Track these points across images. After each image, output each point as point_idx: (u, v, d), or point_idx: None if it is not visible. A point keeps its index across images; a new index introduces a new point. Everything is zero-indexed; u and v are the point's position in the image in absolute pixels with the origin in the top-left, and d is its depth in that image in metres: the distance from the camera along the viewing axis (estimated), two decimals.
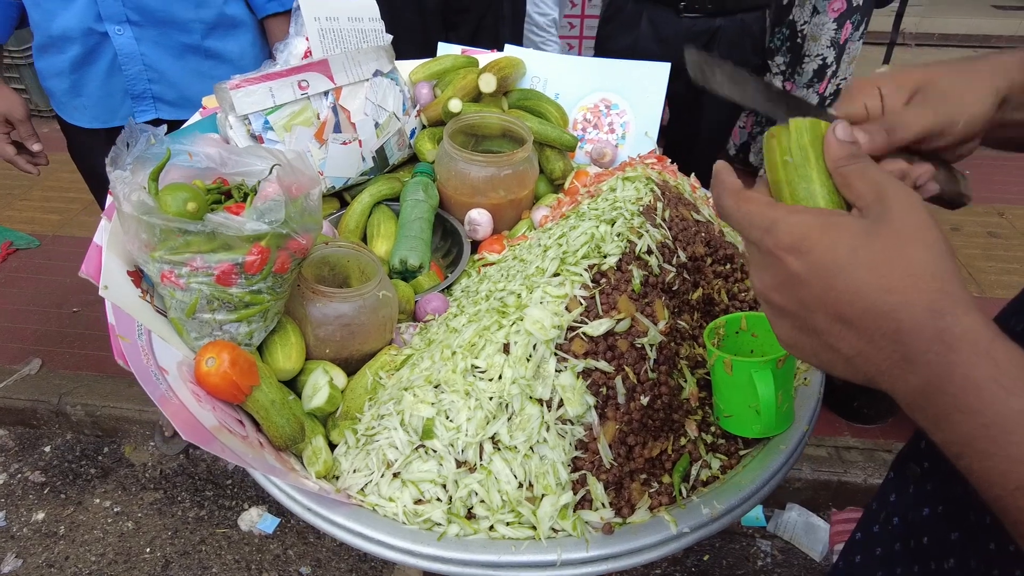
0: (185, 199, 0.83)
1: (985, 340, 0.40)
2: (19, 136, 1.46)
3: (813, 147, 0.51)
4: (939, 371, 0.41)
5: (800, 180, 0.51)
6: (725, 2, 1.90)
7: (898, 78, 0.55)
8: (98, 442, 2.32)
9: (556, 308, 0.83)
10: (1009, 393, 0.39)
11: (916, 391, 0.43)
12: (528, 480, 0.79)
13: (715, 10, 1.91)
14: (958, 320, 0.41)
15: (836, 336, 0.45)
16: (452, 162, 1.24)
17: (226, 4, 1.46)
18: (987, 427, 0.40)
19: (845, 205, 0.50)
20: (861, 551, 0.69)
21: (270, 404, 0.83)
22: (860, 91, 0.55)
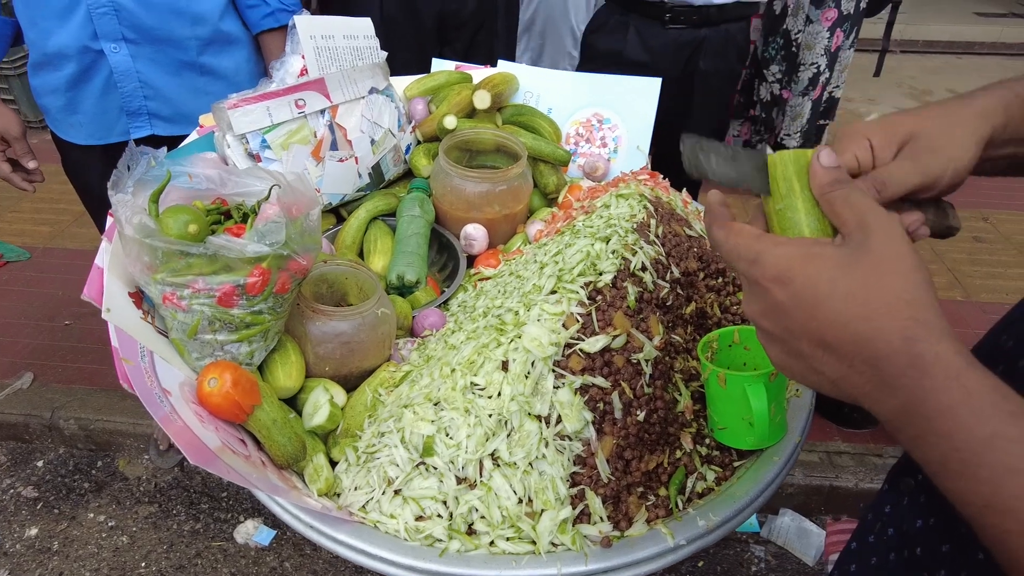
0: (186, 221, 0.84)
1: (956, 367, 0.42)
2: (14, 153, 1.46)
3: (798, 177, 0.53)
4: (914, 396, 0.43)
5: (787, 210, 0.53)
6: (709, 14, 1.93)
7: (887, 129, 0.56)
8: (91, 456, 2.31)
9: (553, 325, 0.85)
10: (979, 419, 0.41)
11: (895, 413, 0.45)
12: (527, 496, 0.80)
13: (700, 21, 1.94)
14: (931, 347, 0.43)
15: (820, 361, 0.48)
16: (448, 178, 1.26)
17: (221, 21, 1.47)
18: (958, 451, 0.42)
19: (832, 231, 0.52)
20: (856, 560, 0.71)
21: (272, 423, 0.84)
22: (850, 142, 0.57)
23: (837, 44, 3.07)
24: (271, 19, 1.53)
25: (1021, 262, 3.06)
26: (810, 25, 3.00)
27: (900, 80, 4.91)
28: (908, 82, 4.90)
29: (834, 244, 0.49)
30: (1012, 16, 5.80)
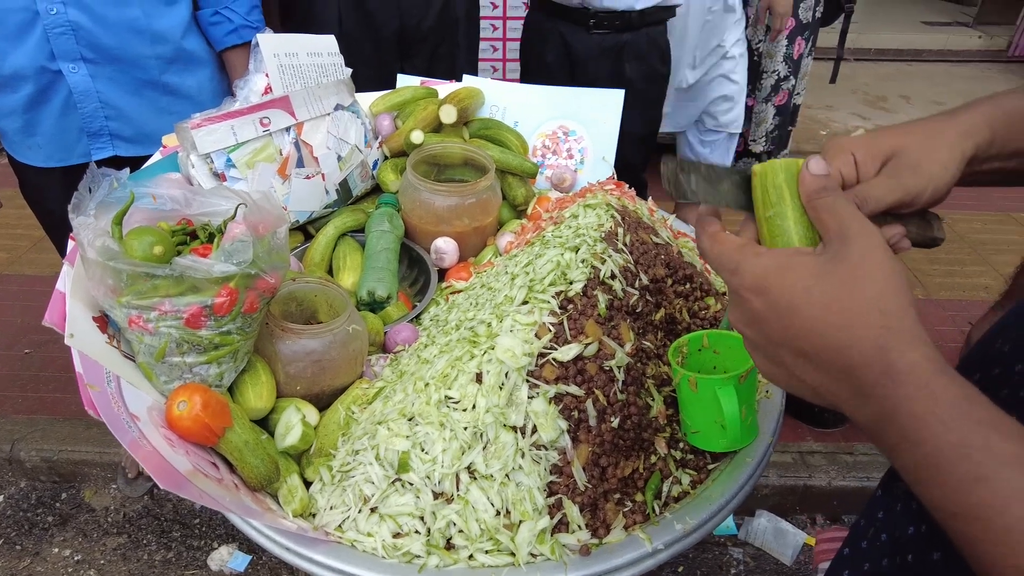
0: (151, 243, 0.83)
1: (927, 374, 0.43)
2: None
3: (788, 185, 0.54)
4: (888, 404, 0.44)
5: (776, 217, 0.54)
6: (631, 18, 2.02)
7: (871, 146, 0.57)
8: (55, 488, 2.24)
9: (526, 335, 0.85)
10: (946, 427, 0.42)
11: (872, 421, 0.46)
12: (505, 507, 0.80)
13: (623, 26, 2.03)
14: (903, 355, 0.44)
15: (800, 369, 0.49)
16: (416, 192, 1.26)
17: (184, 39, 1.45)
18: (928, 458, 0.43)
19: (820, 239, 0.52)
20: (849, 566, 0.71)
21: (244, 445, 0.82)
22: (835, 156, 0.57)
23: (799, 52, 3.16)
24: (235, 36, 1.52)
25: (976, 260, 3.17)
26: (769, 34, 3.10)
27: (855, 87, 5.05)
28: (863, 89, 5.05)
29: (813, 253, 0.50)
30: (956, 25, 6.03)
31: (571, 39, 2.07)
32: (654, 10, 2.04)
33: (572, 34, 2.07)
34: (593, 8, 2.00)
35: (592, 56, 2.07)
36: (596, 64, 2.07)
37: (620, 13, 2.01)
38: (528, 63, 2.26)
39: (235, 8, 1.51)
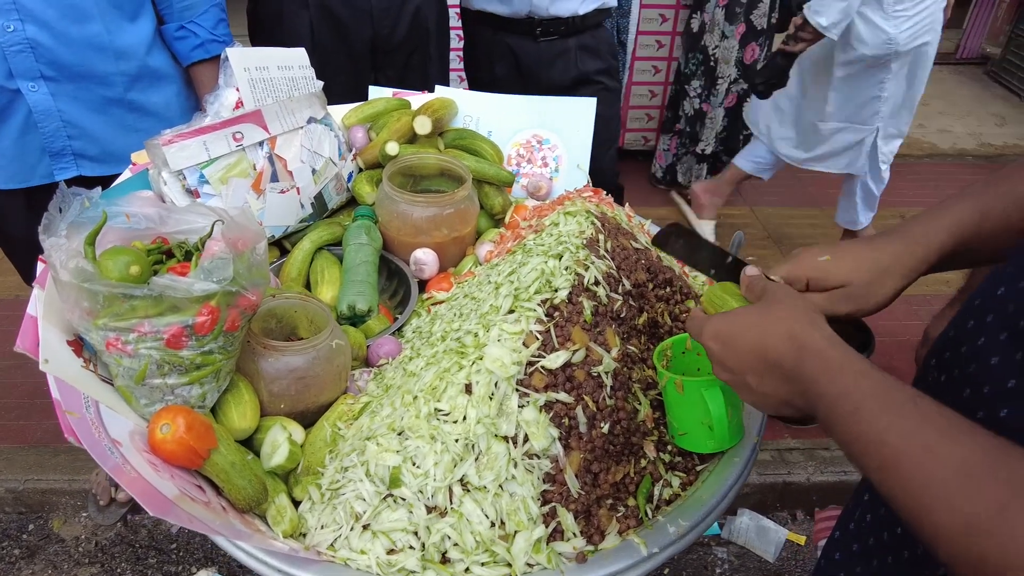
0: (127, 263, 0.81)
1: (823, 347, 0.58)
2: None
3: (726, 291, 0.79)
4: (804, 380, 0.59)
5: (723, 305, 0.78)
6: (575, 23, 2.07)
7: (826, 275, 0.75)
8: (21, 520, 2.16)
9: (514, 344, 0.85)
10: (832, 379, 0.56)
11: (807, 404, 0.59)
12: (500, 518, 0.80)
13: (567, 32, 2.08)
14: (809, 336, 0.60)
15: (764, 385, 0.64)
16: (394, 204, 1.25)
17: (148, 55, 1.42)
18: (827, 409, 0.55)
19: None
20: (840, 548, 0.73)
21: (230, 466, 0.81)
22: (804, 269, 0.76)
23: (752, 57, 3.23)
24: (201, 50, 1.49)
25: None
26: (725, 40, 3.17)
27: None
28: None
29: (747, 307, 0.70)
30: None
31: (519, 50, 2.11)
32: (594, 13, 2.10)
33: (520, 45, 2.10)
34: (539, 17, 2.04)
35: (543, 63, 2.11)
36: (547, 70, 2.11)
37: (565, 19, 2.06)
38: (477, 78, 2.27)
39: (201, 23, 1.48)
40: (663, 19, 3.60)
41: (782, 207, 3.60)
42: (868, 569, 0.69)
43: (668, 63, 3.72)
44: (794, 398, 0.62)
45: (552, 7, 2.02)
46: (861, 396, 0.53)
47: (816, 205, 3.65)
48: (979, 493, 0.44)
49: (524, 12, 2.03)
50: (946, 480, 0.46)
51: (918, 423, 0.49)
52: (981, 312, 0.59)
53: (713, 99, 3.31)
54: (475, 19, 2.17)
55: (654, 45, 3.67)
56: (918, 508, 0.47)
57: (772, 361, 0.62)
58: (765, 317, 0.65)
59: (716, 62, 3.23)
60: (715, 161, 3.52)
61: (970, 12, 5.67)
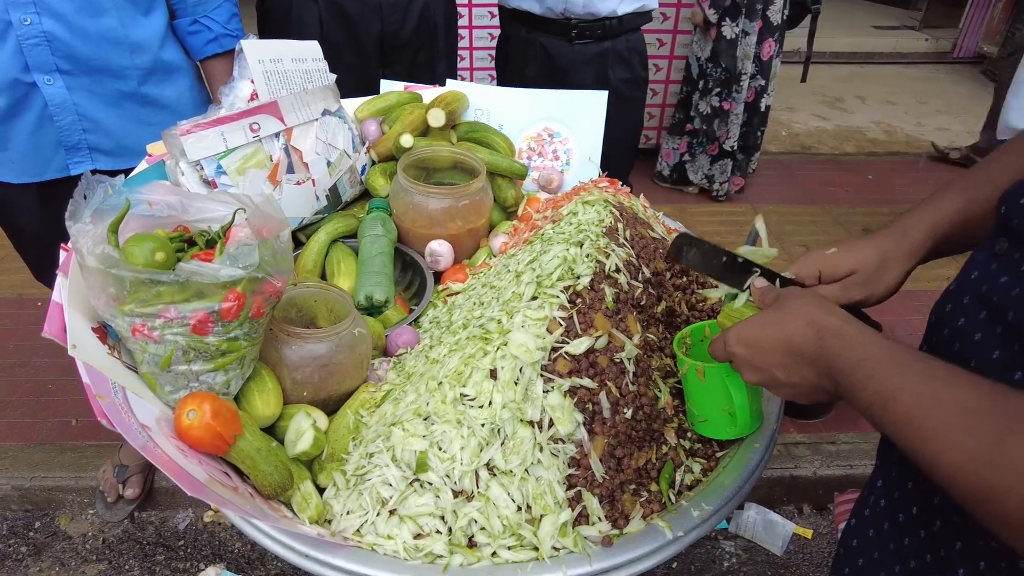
0: (152, 249, 0.81)
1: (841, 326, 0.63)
2: None
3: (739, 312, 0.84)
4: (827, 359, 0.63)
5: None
6: (611, 26, 2.05)
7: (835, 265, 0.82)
8: (28, 517, 2.15)
9: (538, 330, 0.85)
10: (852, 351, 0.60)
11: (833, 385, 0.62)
12: (526, 502, 0.80)
13: (603, 35, 2.06)
14: (826, 319, 0.65)
15: (792, 375, 0.68)
16: (408, 196, 1.25)
17: (162, 49, 1.42)
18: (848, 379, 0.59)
19: None
20: (857, 535, 0.74)
21: (256, 452, 0.81)
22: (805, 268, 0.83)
23: (769, 53, 3.24)
24: (215, 45, 1.49)
25: None
26: (746, 37, 3.17)
27: (814, 89, 5.20)
28: (821, 91, 5.20)
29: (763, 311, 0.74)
30: (905, 28, 6.26)
31: (553, 51, 2.08)
32: (633, 16, 2.06)
33: (554, 46, 2.08)
34: (575, 17, 2.01)
35: (575, 66, 2.08)
36: (580, 74, 2.09)
37: (601, 21, 2.03)
38: (507, 77, 2.24)
39: (214, 17, 1.48)
40: (664, 17, 3.61)
41: (783, 205, 3.61)
42: (885, 552, 0.69)
43: (670, 61, 3.73)
44: (822, 380, 0.65)
45: (589, 5, 1.99)
46: (875, 362, 0.58)
47: (816, 203, 3.66)
48: (979, 428, 0.48)
49: (559, 10, 2.01)
50: (950, 422, 0.50)
51: (925, 378, 0.54)
52: (958, 296, 0.64)
53: (736, 95, 3.30)
54: (510, 17, 2.16)
55: (655, 43, 3.68)
56: (931, 454, 0.51)
57: (796, 349, 0.67)
58: (782, 313, 0.70)
59: (737, 60, 3.22)
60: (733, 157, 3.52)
61: (967, 12, 5.70)
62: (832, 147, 4.38)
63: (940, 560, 0.63)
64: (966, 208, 0.77)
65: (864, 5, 6.88)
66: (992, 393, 0.50)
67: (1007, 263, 0.59)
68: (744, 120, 3.41)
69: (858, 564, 0.73)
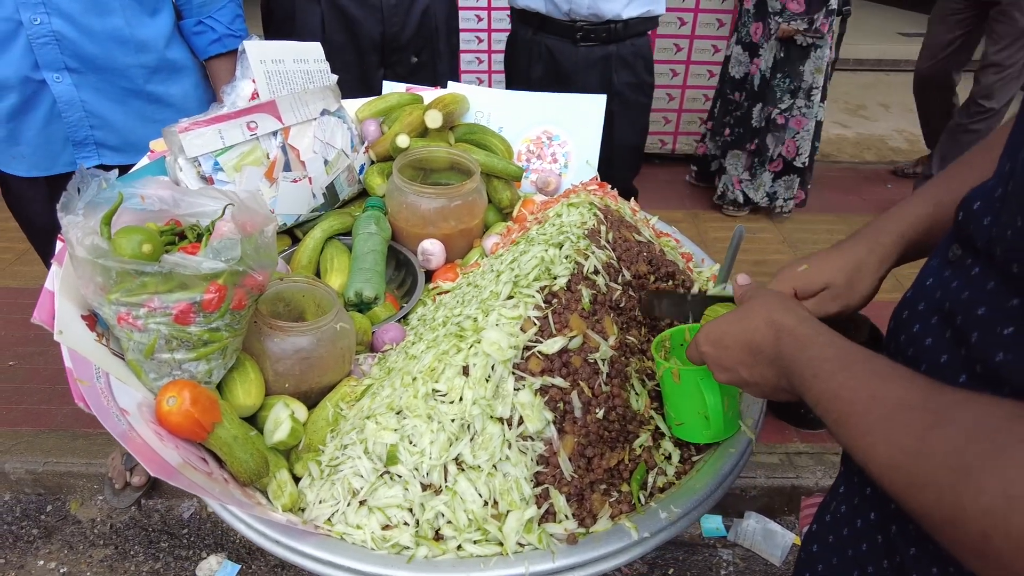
0: (140, 241, 0.84)
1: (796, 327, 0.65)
2: None
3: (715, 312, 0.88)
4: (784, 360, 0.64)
5: None
6: (616, 30, 2.05)
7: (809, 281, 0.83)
8: (40, 500, 2.22)
9: (512, 329, 0.87)
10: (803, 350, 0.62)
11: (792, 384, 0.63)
12: (493, 498, 0.81)
13: (608, 38, 2.06)
14: (784, 318, 0.66)
15: (755, 375, 0.70)
16: (402, 195, 1.27)
17: (168, 48, 1.47)
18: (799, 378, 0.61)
19: None
20: (818, 540, 0.74)
21: (233, 440, 0.83)
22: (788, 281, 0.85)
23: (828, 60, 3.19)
24: (218, 45, 1.53)
25: None
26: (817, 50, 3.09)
27: (836, 96, 5.14)
28: (843, 98, 5.13)
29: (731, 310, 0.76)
30: None
31: (558, 53, 2.10)
32: (638, 20, 2.07)
33: (559, 48, 2.09)
34: (580, 19, 2.02)
35: (579, 69, 2.10)
36: (584, 76, 2.10)
37: (606, 25, 2.03)
38: (513, 78, 2.27)
39: (218, 18, 1.52)
40: (681, 22, 3.61)
41: (799, 213, 3.58)
42: (843, 559, 0.70)
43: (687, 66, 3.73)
44: (780, 379, 0.66)
45: (593, 7, 1.99)
46: (822, 360, 0.59)
47: (833, 211, 3.62)
48: (909, 422, 0.49)
49: (564, 10, 2.02)
50: (884, 417, 0.51)
51: (866, 376, 0.55)
52: (913, 302, 0.64)
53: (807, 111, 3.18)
54: (518, 17, 2.18)
55: (672, 48, 3.68)
56: (866, 448, 0.52)
57: (756, 348, 0.68)
58: (746, 312, 0.71)
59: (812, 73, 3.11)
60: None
61: None
62: (852, 155, 4.32)
63: (896, 566, 0.63)
64: (935, 212, 0.78)
65: (890, 11, 6.78)
66: (927, 389, 0.51)
67: (959, 268, 0.59)
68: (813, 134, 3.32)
69: (818, 569, 0.74)
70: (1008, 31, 3.05)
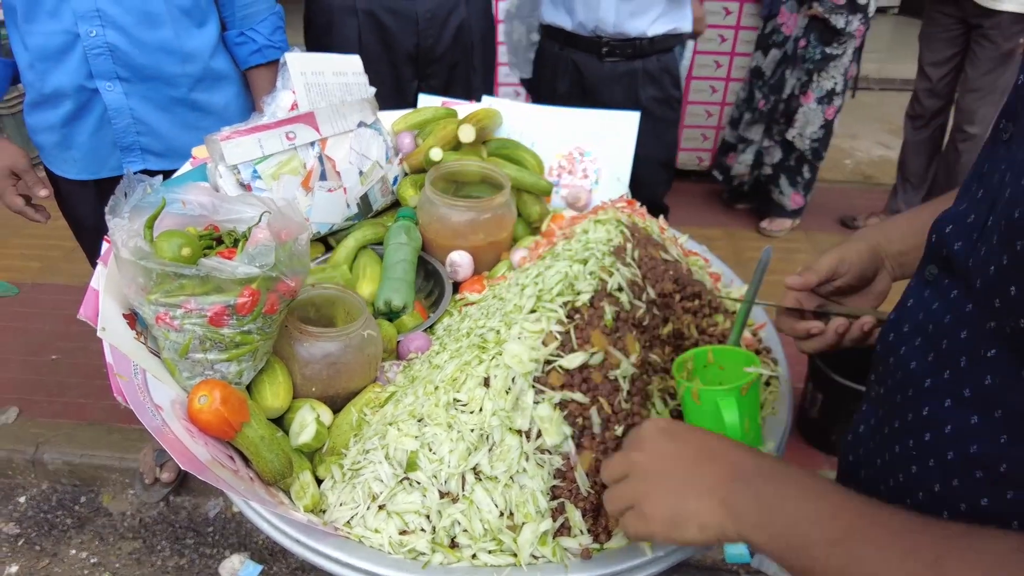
0: (180, 245, 0.87)
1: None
2: (25, 187, 1.49)
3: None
4: None
5: None
6: (642, 46, 2.06)
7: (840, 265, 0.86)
8: (75, 491, 2.29)
9: (533, 343, 0.88)
10: None
11: None
12: (509, 509, 0.82)
13: (634, 53, 2.07)
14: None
15: None
16: (434, 207, 1.30)
17: (212, 58, 1.52)
18: None
19: None
20: None
21: (259, 440, 0.86)
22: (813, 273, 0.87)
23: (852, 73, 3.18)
24: (259, 56, 1.59)
25: None
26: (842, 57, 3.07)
27: (879, 116, 5.06)
28: (887, 118, 5.05)
29: None
30: None
31: (584, 68, 2.12)
32: (664, 37, 2.07)
33: (585, 63, 2.11)
34: (606, 36, 2.04)
35: (605, 83, 2.11)
36: (609, 91, 2.11)
37: (632, 40, 2.04)
38: (540, 92, 2.30)
39: (260, 30, 1.58)
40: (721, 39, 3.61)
41: (838, 234, 3.52)
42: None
43: (726, 83, 3.72)
44: None
45: (619, 25, 2.01)
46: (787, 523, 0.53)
47: None
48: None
49: (590, 27, 2.04)
50: None
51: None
52: (899, 324, 0.64)
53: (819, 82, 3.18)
54: (546, 32, 2.21)
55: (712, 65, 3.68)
56: None
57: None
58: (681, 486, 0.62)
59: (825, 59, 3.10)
60: None
61: None
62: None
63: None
64: None
65: None
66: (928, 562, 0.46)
67: (937, 289, 0.59)
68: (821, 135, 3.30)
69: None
70: (990, 55, 2.98)
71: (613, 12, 1.99)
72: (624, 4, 1.98)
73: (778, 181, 3.44)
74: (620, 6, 1.98)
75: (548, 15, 2.12)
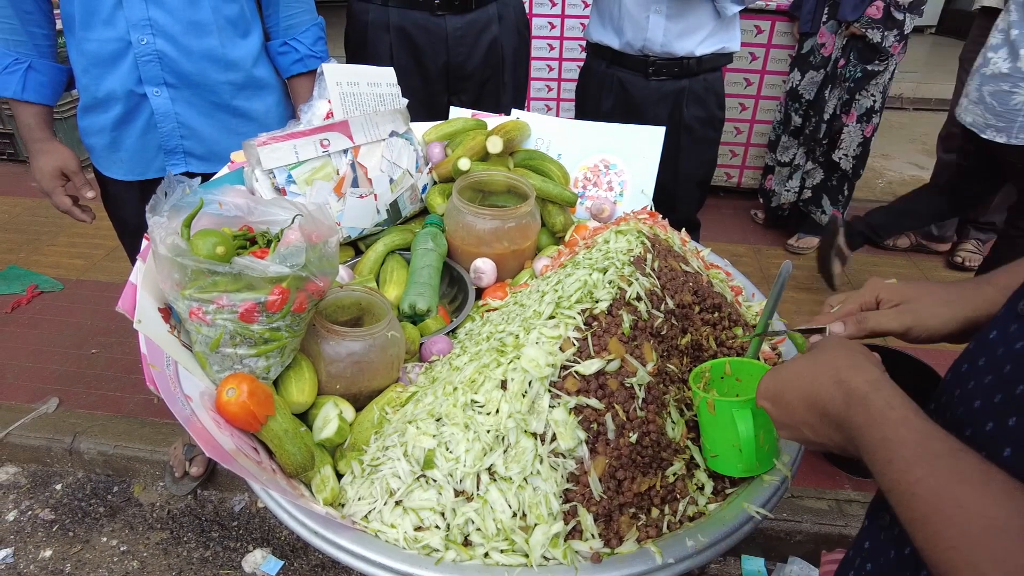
0: (215, 243, 0.91)
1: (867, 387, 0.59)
2: (74, 188, 1.57)
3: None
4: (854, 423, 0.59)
5: None
6: (689, 65, 2.05)
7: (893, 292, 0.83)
8: (108, 481, 2.36)
9: (551, 348, 0.90)
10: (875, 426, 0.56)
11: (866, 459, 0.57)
12: (522, 510, 0.84)
13: (680, 73, 2.07)
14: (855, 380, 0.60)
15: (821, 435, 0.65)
16: (460, 215, 1.33)
17: (254, 67, 1.58)
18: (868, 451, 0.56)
19: None
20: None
21: (283, 433, 0.89)
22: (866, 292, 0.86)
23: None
24: (300, 64, 1.64)
25: None
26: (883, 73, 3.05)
27: (913, 136, 4.98)
28: (921, 138, 4.97)
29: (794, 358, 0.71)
30: None
31: (630, 86, 2.12)
32: (712, 57, 2.06)
33: (631, 81, 2.11)
34: (653, 55, 2.05)
35: (650, 102, 2.10)
36: (654, 110, 2.10)
37: (679, 60, 2.04)
38: (585, 108, 2.30)
39: (302, 39, 1.64)
40: (752, 57, 3.60)
41: (867, 254, 3.47)
42: None
43: (756, 101, 3.71)
44: (848, 445, 0.62)
45: (667, 45, 2.01)
46: (898, 445, 0.52)
47: (902, 254, 3.50)
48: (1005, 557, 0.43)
49: (637, 47, 2.04)
50: (972, 539, 0.45)
51: (948, 478, 0.48)
52: (974, 356, 0.60)
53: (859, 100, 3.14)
54: (592, 51, 2.22)
55: (742, 82, 3.67)
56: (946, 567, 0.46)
57: (822, 408, 0.63)
58: (811, 365, 0.66)
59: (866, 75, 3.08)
60: None
61: None
62: None
63: None
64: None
65: None
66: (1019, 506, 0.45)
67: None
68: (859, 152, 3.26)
69: None
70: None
71: (661, 32, 1.99)
72: (673, 24, 1.98)
73: (820, 202, 3.40)
74: (669, 26, 1.98)
75: (596, 34, 2.14)
